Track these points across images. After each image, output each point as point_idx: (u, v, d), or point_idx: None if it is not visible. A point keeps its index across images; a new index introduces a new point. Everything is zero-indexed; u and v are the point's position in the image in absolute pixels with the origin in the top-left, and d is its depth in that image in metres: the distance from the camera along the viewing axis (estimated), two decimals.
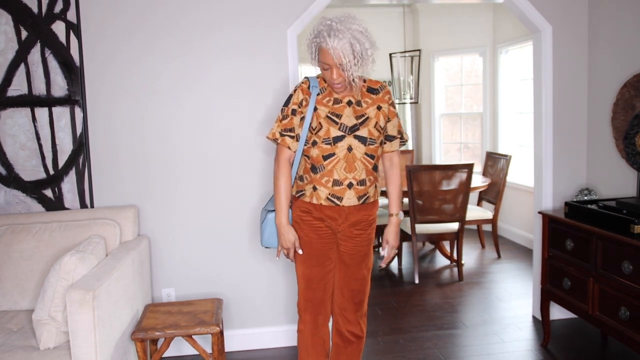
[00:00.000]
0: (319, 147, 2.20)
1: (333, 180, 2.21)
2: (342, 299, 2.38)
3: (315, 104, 2.22)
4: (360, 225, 2.31)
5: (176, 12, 2.99)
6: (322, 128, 2.19)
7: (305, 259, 2.32)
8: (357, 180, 2.22)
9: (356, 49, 2.08)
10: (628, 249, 2.43)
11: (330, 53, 2.07)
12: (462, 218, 4.30)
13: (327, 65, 2.12)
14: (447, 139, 6.61)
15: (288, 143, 2.25)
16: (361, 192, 2.24)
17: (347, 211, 2.25)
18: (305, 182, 2.27)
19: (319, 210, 2.25)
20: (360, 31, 2.09)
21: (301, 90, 2.25)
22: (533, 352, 3.09)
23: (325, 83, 2.25)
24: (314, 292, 2.34)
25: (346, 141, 2.19)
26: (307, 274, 2.33)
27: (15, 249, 2.70)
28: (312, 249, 2.30)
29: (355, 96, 2.25)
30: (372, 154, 2.25)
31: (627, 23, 3.04)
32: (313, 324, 2.38)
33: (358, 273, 2.36)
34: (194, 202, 3.10)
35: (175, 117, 3.05)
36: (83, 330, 2.15)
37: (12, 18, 2.90)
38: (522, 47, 5.49)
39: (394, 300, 3.97)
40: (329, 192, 2.21)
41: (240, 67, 3.05)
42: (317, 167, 2.21)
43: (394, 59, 6.01)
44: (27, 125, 2.96)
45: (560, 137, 3.37)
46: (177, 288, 3.13)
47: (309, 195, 2.25)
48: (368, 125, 2.22)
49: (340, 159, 2.20)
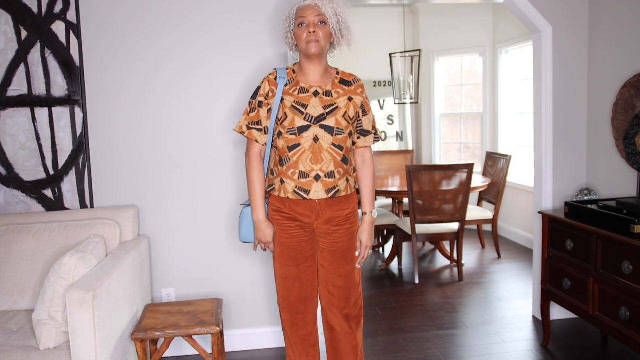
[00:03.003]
0: (284, 138, 2.16)
1: (299, 172, 2.16)
2: (328, 295, 2.33)
3: (282, 95, 2.18)
4: (335, 222, 2.25)
5: (176, 11, 2.99)
6: (287, 118, 2.16)
7: (278, 257, 2.30)
8: (324, 173, 2.17)
9: (338, 12, 2.14)
10: (628, 249, 2.43)
11: (312, 5, 2.10)
12: (462, 218, 4.30)
13: (304, 20, 2.12)
14: (447, 139, 6.61)
15: (255, 136, 2.22)
16: (329, 185, 2.18)
17: (318, 207, 2.20)
18: (275, 176, 2.24)
19: (288, 208, 2.21)
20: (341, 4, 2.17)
21: (268, 81, 2.22)
22: (533, 352, 3.09)
23: (293, 74, 2.23)
24: (289, 290, 2.31)
25: (312, 131, 2.15)
26: (282, 273, 2.30)
27: (15, 249, 2.70)
28: (285, 248, 2.27)
29: (323, 86, 2.21)
30: (340, 144, 2.19)
31: (627, 23, 3.04)
32: (290, 323, 2.36)
33: (341, 269, 2.30)
34: (194, 202, 3.10)
35: (175, 116, 3.05)
36: (83, 330, 2.15)
37: (12, 18, 2.90)
38: (522, 47, 5.49)
39: (394, 300, 3.97)
40: (295, 184, 2.17)
41: (241, 66, 3.05)
42: (284, 159, 2.18)
43: (394, 59, 6.01)
44: (27, 125, 2.96)
45: (560, 137, 3.37)
46: (177, 288, 3.13)
47: (278, 189, 2.22)
48: (336, 115, 2.18)
49: (305, 149, 2.15)
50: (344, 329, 2.34)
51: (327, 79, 2.24)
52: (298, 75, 2.24)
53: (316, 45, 2.13)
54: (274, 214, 2.26)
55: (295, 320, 2.35)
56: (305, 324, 2.37)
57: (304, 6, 2.13)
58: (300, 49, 2.18)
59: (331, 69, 2.30)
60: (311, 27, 2.11)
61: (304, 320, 2.36)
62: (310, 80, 2.22)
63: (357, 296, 2.35)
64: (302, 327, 2.36)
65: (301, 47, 2.16)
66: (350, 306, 2.33)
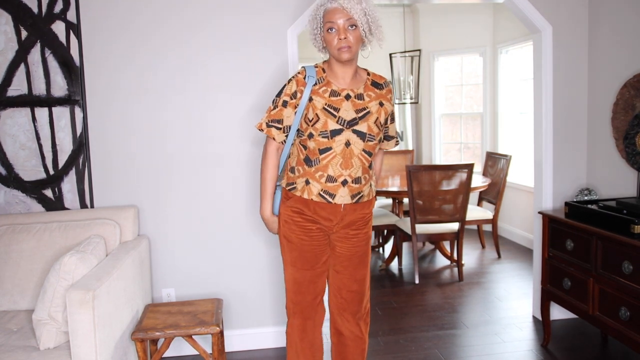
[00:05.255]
0: (316, 140, 2.09)
1: (327, 175, 2.10)
2: (341, 300, 2.28)
3: (311, 94, 2.11)
4: (355, 225, 2.22)
5: (176, 10, 2.99)
6: (319, 120, 2.08)
7: (295, 261, 2.22)
8: (352, 178, 2.11)
9: (367, 11, 2.05)
10: (628, 249, 2.43)
11: (340, 9, 2.00)
12: (462, 218, 4.30)
13: (333, 25, 2.02)
14: (447, 139, 6.61)
15: (273, 134, 2.17)
16: (355, 191, 2.13)
17: (343, 212, 2.15)
18: (297, 175, 2.16)
19: (312, 211, 2.15)
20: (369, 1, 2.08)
21: (296, 81, 2.14)
22: (533, 352, 3.09)
23: (323, 73, 2.15)
24: (303, 295, 2.25)
25: (344, 135, 2.08)
26: (297, 277, 2.24)
27: (15, 249, 2.70)
28: (303, 251, 2.20)
29: (355, 89, 2.14)
30: (370, 150, 2.15)
31: (627, 23, 3.04)
32: (301, 329, 2.29)
33: (357, 274, 2.27)
34: (194, 202, 3.10)
35: (175, 116, 3.05)
36: (83, 330, 2.15)
37: (12, 18, 2.90)
38: (522, 47, 5.49)
39: (394, 300, 3.97)
40: (322, 187, 2.10)
41: (241, 65, 3.05)
42: (312, 160, 2.11)
43: (394, 59, 6.01)
44: (27, 125, 2.96)
45: (560, 137, 3.37)
46: (177, 288, 3.13)
47: (301, 189, 2.14)
48: (368, 120, 2.12)
49: (337, 154, 2.09)
50: (355, 333, 2.31)
51: (359, 81, 2.18)
52: (328, 75, 2.15)
53: (348, 51, 2.05)
54: (294, 215, 2.18)
55: (306, 327, 2.29)
56: (315, 328, 2.32)
57: (332, 9, 2.03)
58: (332, 54, 2.10)
59: (361, 70, 2.23)
60: (342, 33, 2.02)
61: (314, 326, 2.31)
62: (341, 83, 2.14)
63: (368, 299, 2.35)
64: (312, 332, 2.31)
65: (332, 53, 2.09)
66: (362, 310, 2.32)
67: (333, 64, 2.14)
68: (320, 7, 2.09)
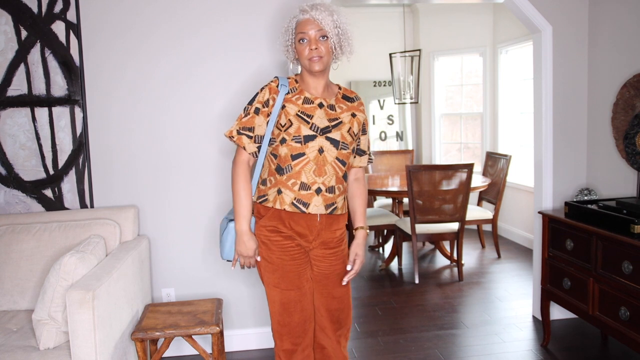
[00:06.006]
0: (288, 146, 2.04)
1: (300, 183, 2.04)
2: (321, 318, 2.21)
3: (283, 102, 2.08)
4: (331, 244, 2.16)
5: (176, 10, 3.00)
6: (292, 125, 2.04)
7: (278, 283, 2.11)
8: (326, 187, 2.06)
9: (337, 23, 2.06)
10: (628, 249, 2.43)
11: (311, 20, 2.02)
12: (462, 218, 4.30)
13: (305, 36, 2.03)
14: (447, 139, 6.61)
15: (244, 143, 2.09)
16: (329, 201, 2.07)
17: (319, 225, 2.08)
18: (269, 186, 2.09)
19: (288, 227, 2.07)
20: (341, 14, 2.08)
21: (269, 88, 2.10)
22: (533, 352, 3.09)
23: (296, 83, 2.13)
24: (290, 316, 2.13)
25: (317, 141, 2.05)
26: (282, 299, 2.11)
27: (15, 249, 2.70)
28: (285, 271, 2.10)
29: (327, 100, 2.13)
30: (343, 159, 2.11)
31: (627, 23, 3.04)
32: (291, 350, 2.16)
33: (336, 291, 2.20)
34: (194, 201, 3.10)
35: (175, 116, 3.05)
36: (83, 330, 2.15)
37: (12, 18, 2.90)
38: (522, 47, 5.49)
39: (394, 300, 3.97)
40: (295, 196, 2.04)
41: (241, 65, 3.05)
42: (284, 168, 2.05)
43: (394, 59, 6.01)
44: (27, 125, 2.96)
45: (560, 137, 3.37)
46: (177, 288, 3.13)
47: (272, 200, 2.06)
48: (341, 129, 2.11)
49: (310, 160, 2.04)
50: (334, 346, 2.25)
51: (331, 93, 2.18)
52: (301, 85, 2.15)
53: (319, 62, 2.05)
54: (270, 234, 2.09)
55: (296, 348, 2.17)
56: (305, 347, 2.22)
57: (303, 20, 2.05)
58: (303, 65, 2.10)
59: (332, 84, 2.24)
60: (312, 44, 2.03)
61: (304, 344, 2.21)
62: (313, 93, 2.14)
63: (350, 315, 2.28)
64: (302, 351, 2.21)
65: (303, 63, 2.09)
66: (344, 327, 2.26)
67: (305, 75, 2.15)
68: (292, 19, 2.11)
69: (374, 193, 4.70)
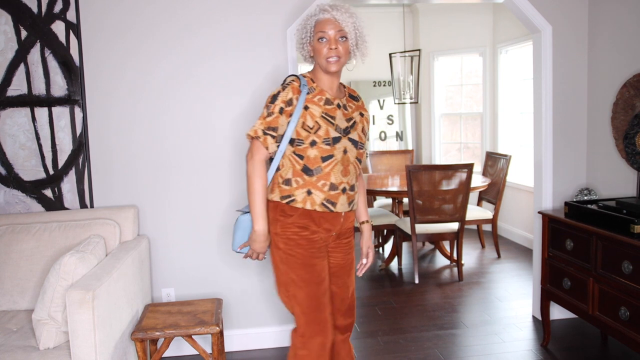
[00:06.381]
0: (318, 148, 2.05)
1: (330, 184, 2.07)
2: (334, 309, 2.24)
3: (305, 103, 2.08)
4: (345, 235, 2.24)
5: (176, 10, 3.00)
6: (320, 127, 2.06)
7: (309, 278, 2.11)
8: (349, 185, 2.13)
9: (356, 25, 2.08)
10: (628, 249, 2.43)
11: (332, 20, 2.03)
12: (462, 218, 4.30)
13: (324, 35, 2.04)
14: (447, 139, 6.61)
15: (268, 143, 2.06)
16: (351, 198, 2.15)
17: (342, 221, 2.15)
18: (296, 187, 2.08)
19: (317, 224, 2.09)
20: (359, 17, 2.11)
21: (292, 88, 2.08)
22: (533, 352, 3.09)
23: (313, 83, 2.13)
24: (322, 311, 2.11)
25: (342, 143, 2.09)
26: (314, 294, 2.11)
27: (15, 249, 2.70)
28: (314, 265, 2.11)
29: (341, 99, 2.16)
30: (360, 158, 2.19)
31: (627, 23, 3.04)
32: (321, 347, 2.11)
33: (349, 280, 2.27)
34: (194, 201, 3.10)
35: (175, 116, 3.05)
36: (83, 330, 2.15)
37: (12, 18, 2.90)
38: (522, 47, 5.49)
39: (394, 300, 3.97)
40: (325, 197, 2.07)
41: (241, 65, 3.05)
42: (313, 170, 2.06)
43: (393, 59, 6.01)
44: (27, 125, 2.96)
45: (560, 137, 3.37)
46: (177, 288, 3.13)
47: (302, 201, 2.07)
48: (357, 129, 2.17)
49: (338, 161, 2.08)
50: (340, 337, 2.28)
51: (341, 92, 2.20)
52: (318, 84, 2.14)
53: (336, 63, 2.07)
54: (299, 230, 2.09)
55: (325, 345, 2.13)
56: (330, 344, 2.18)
57: (324, 20, 2.06)
58: (319, 64, 2.11)
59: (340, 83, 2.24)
60: (332, 43, 2.04)
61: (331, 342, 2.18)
62: (329, 92, 2.14)
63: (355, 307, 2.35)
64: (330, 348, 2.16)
65: (320, 62, 2.09)
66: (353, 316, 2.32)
67: (320, 74, 2.14)
68: (311, 17, 2.12)
69: (374, 193, 4.69)
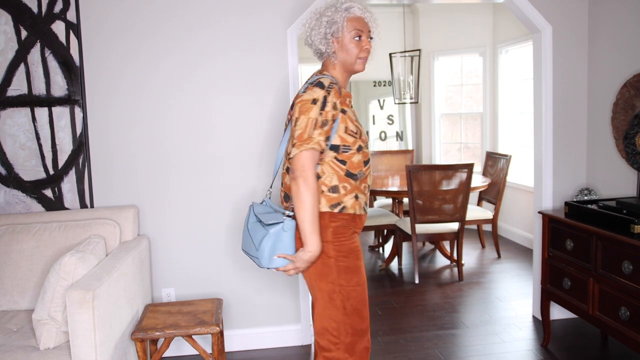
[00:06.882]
0: (363, 153, 2.00)
1: (368, 186, 2.07)
2: None
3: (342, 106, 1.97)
4: None
5: (176, 11, 3.00)
6: (360, 132, 2.01)
7: (363, 289, 2.02)
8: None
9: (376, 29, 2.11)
10: (628, 249, 2.43)
11: (365, 20, 2.02)
12: (462, 218, 4.30)
13: (361, 33, 1.99)
14: (447, 139, 6.61)
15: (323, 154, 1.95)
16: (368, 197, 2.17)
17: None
18: (344, 193, 1.96)
19: (359, 227, 2.04)
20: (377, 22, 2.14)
21: (335, 92, 1.92)
22: (533, 352, 3.09)
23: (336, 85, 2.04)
24: (366, 319, 2.03)
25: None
26: (362, 297, 2.01)
27: (15, 249, 2.70)
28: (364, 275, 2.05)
29: None
30: None
31: (627, 23, 3.04)
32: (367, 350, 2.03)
33: None
34: (194, 202, 3.10)
35: (175, 117, 3.05)
36: (83, 330, 2.15)
37: (12, 18, 2.90)
38: (522, 47, 5.49)
39: (394, 300, 3.97)
40: (366, 199, 2.05)
41: (241, 65, 3.05)
42: (357, 174, 1.98)
43: (394, 59, 6.01)
44: (27, 125, 2.96)
45: (560, 137, 3.37)
46: (177, 288, 3.13)
47: (351, 206, 1.97)
48: None
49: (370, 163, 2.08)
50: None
51: None
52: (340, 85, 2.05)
53: (364, 62, 2.04)
54: (354, 236, 2.00)
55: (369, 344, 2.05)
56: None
57: (359, 17, 2.00)
58: (347, 61, 2.01)
59: None
60: (367, 43, 2.01)
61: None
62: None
63: None
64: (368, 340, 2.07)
65: (349, 60, 2.00)
66: None
67: (338, 73, 2.05)
68: (339, 11, 1.99)
69: (374, 193, 4.70)
